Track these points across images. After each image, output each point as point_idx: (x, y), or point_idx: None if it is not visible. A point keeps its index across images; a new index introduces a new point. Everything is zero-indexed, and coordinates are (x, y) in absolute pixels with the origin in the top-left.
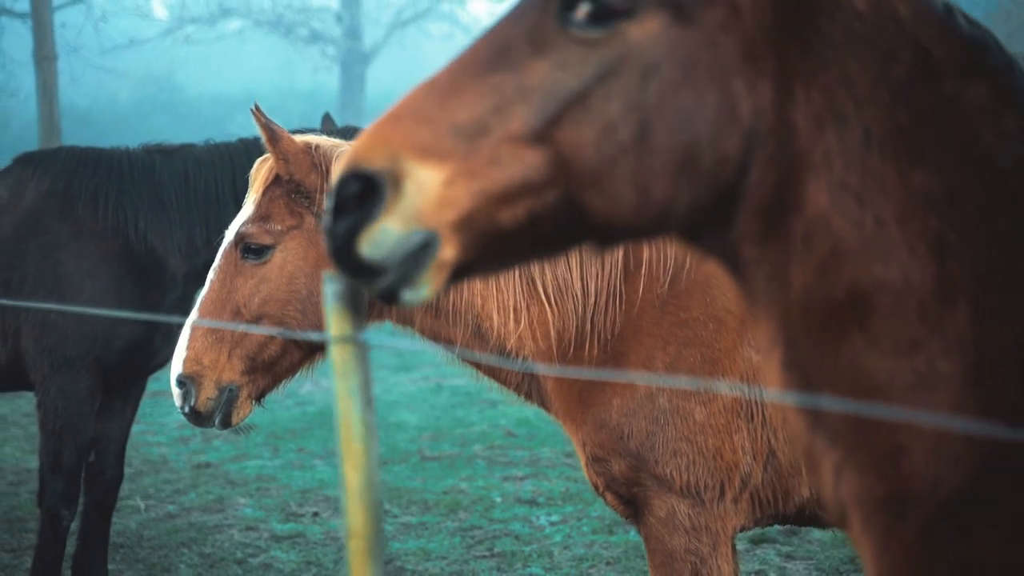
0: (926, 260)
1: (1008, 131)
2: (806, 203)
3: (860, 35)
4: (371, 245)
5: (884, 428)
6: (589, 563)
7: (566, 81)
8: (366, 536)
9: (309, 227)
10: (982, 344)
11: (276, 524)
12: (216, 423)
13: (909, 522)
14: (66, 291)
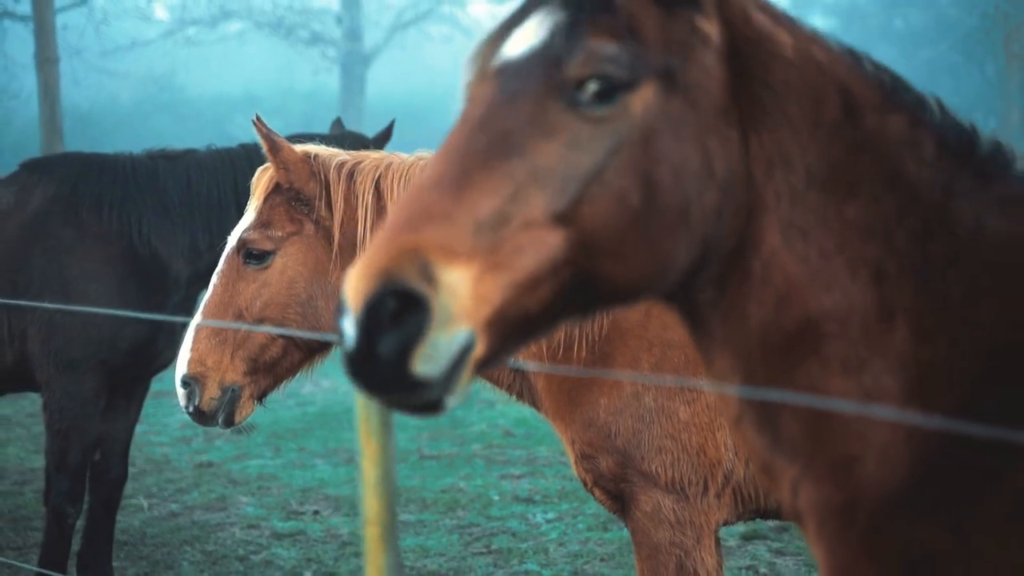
0: (867, 286)
1: (927, 160)
2: (762, 243)
3: (794, 81)
4: (425, 361)
5: (839, 441)
6: (584, 559)
7: (581, 160)
8: (381, 524)
9: (308, 233)
10: (920, 359)
11: (277, 522)
12: (219, 422)
13: (859, 523)
14: (71, 293)
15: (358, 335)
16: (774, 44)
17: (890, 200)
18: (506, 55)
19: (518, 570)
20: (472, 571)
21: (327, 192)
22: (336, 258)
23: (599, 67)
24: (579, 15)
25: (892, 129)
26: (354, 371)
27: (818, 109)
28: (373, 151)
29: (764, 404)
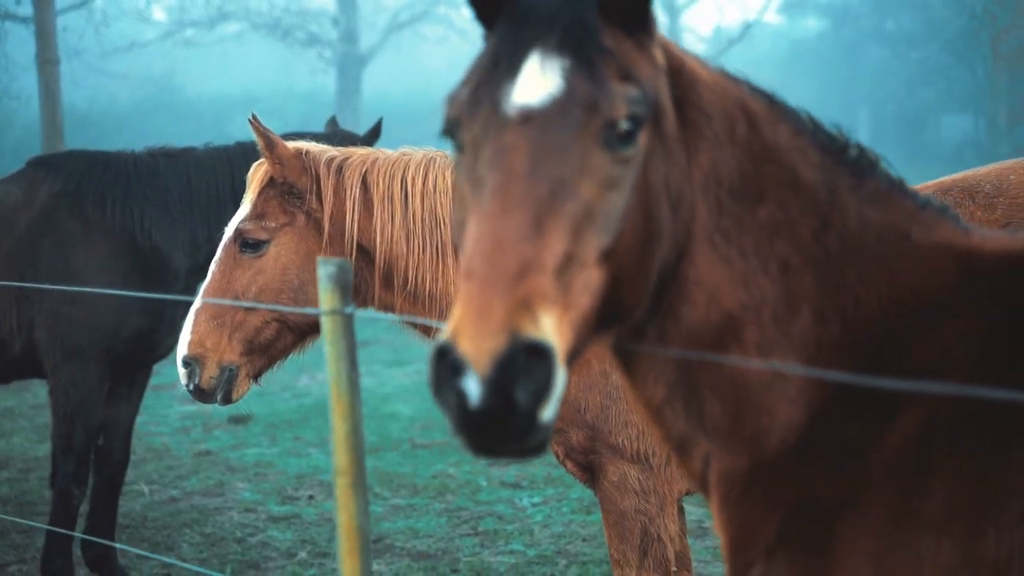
0: (777, 279)
1: (815, 163)
2: (695, 251)
3: (715, 103)
4: (550, 406)
5: (753, 417)
6: (567, 540)
7: (618, 199)
8: (351, 473)
9: (300, 224)
10: (819, 339)
11: (273, 506)
12: (218, 399)
13: (761, 481)
14: (77, 284)
15: (490, 392)
16: (693, 71)
17: (793, 201)
18: (525, 102)
19: (504, 550)
20: (459, 551)
21: (317, 185)
22: (326, 247)
23: (631, 108)
24: (584, 58)
25: (783, 139)
26: (484, 427)
27: (732, 127)
28: (361, 147)
29: (693, 390)
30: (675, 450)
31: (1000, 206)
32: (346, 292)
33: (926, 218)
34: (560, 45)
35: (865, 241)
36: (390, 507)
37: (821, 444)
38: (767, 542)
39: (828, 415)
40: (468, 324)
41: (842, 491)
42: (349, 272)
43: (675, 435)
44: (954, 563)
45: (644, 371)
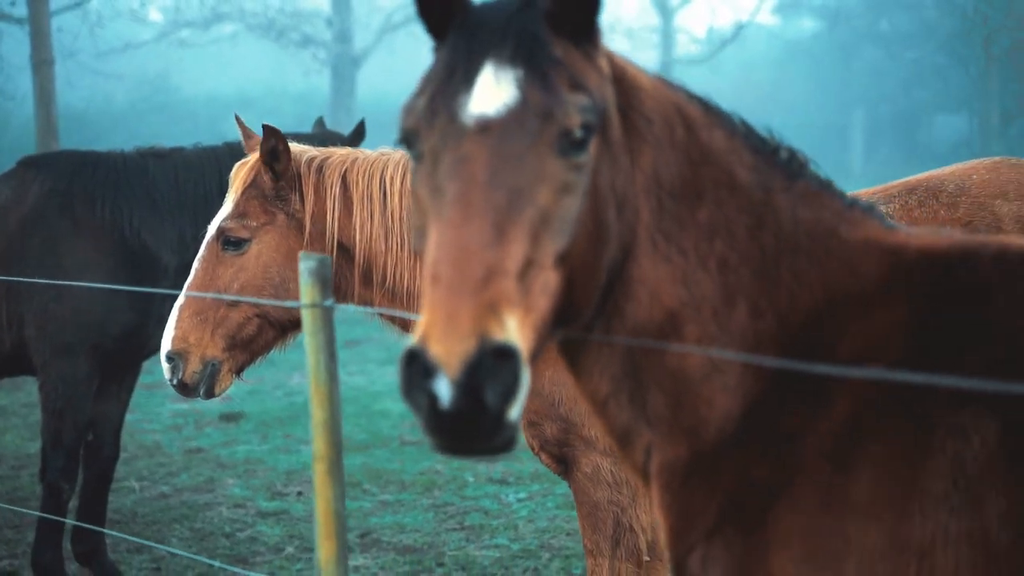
0: (715, 276)
1: (750, 165)
2: (638, 251)
3: (655, 108)
4: (518, 406)
5: (693, 408)
6: (551, 534)
7: (571, 203)
8: (328, 459)
9: (281, 223)
10: (755, 332)
11: (262, 502)
12: (201, 393)
13: (701, 469)
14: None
15: (460, 394)
16: (634, 78)
17: (729, 202)
18: (482, 112)
19: (488, 544)
20: (445, 545)
21: (299, 184)
22: (307, 245)
23: (583, 117)
24: (537, 69)
25: (719, 142)
26: (454, 427)
27: (671, 131)
28: (341, 148)
29: (638, 383)
30: (618, 441)
31: (963, 205)
32: (326, 286)
33: (854, 216)
34: (513, 56)
35: (798, 239)
36: (378, 503)
37: (757, 432)
38: (707, 527)
39: (764, 405)
40: (437, 328)
41: (777, 476)
42: (329, 267)
43: (619, 427)
44: (881, 545)
45: (590, 366)
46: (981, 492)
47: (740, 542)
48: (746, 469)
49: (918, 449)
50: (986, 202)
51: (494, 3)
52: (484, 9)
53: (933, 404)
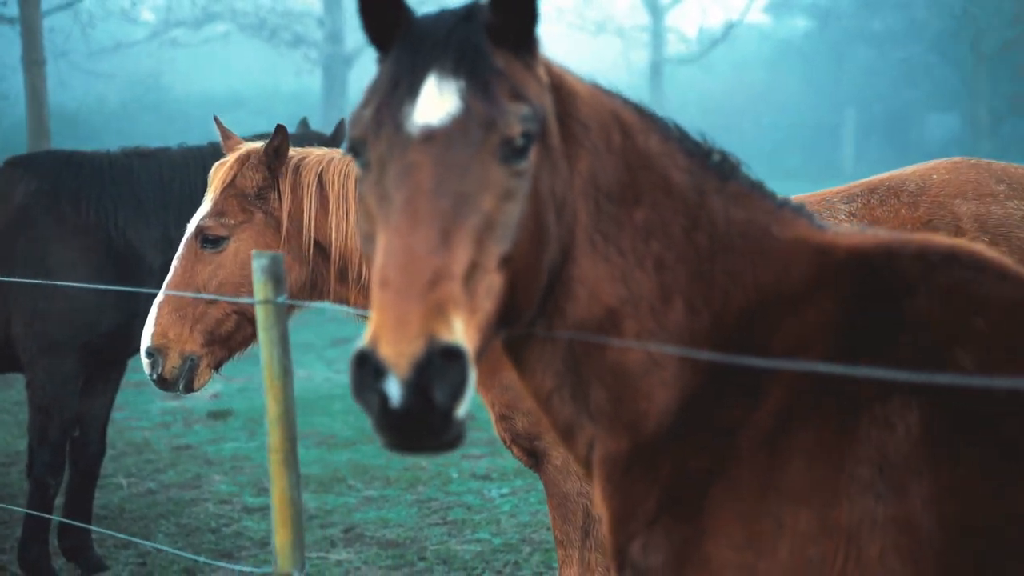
0: (652, 275)
1: (684, 167)
2: (578, 252)
3: (592, 115)
4: (465, 404)
5: (633, 403)
6: (532, 528)
7: (514, 209)
8: (283, 451)
9: (259, 222)
10: (691, 329)
11: (248, 498)
12: (180, 388)
13: (641, 460)
14: (52, 280)
15: (410, 394)
16: (571, 85)
17: (665, 203)
18: (426, 122)
19: (471, 539)
20: (427, 540)
21: (277, 183)
22: (284, 243)
23: (524, 126)
24: (479, 79)
25: (654, 146)
26: (404, 425)
27: (608, 136)
28: (318, 148)
29: (580, 378)
30: (562, 435)
31: (923, 204)
32: (279, 283)
33: (784, 216)
34: (455, 67)
35: (731, 239)
36: (363, 498)
37: (695, 424)
38: (647, 516)
39: (701, 399)
40: (387, 330)
41: (714, 466)
42: (281, 265)
43: (562, 421)
44: (812, 530)
45: (533, 363)
46: (905, 478)
47: (679, 529)
48: (684, 460)
49: (846, 438)
50: (946, 201)
51: (436, 16)
52: (426, 21)
53: (859, 396)
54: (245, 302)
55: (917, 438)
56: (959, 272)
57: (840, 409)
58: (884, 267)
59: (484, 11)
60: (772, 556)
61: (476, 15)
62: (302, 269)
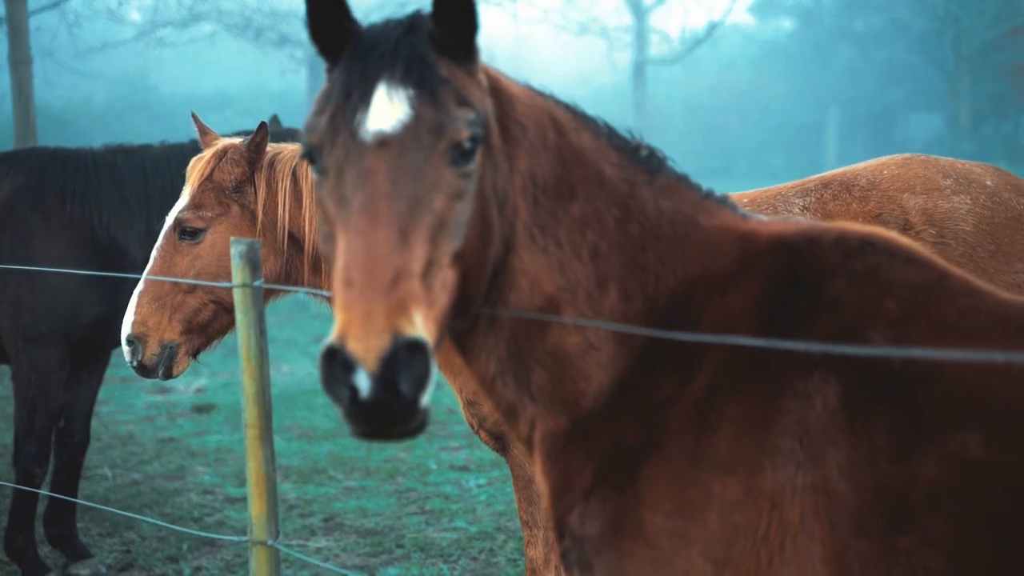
0: (588, 264)
1: (614, 162)
2: (518, 244)
3: (528, 115)
4: (428, 393)
5: (572, 383)
6: (507, 517)
7: (463, 208)
8: (258, 426)
9: (235, 215)
10: (625, 314)
11: (231, 488)
12: (159, 375)
13: (578, 435)
14: (38, 274)
15: (378, 385)
16: (508, 88)
17: (599, 196)
18: (380, 128)
19: (447, 527)
20: (405, 528)
21: (252, 178)
22: (259, 235)
23: (471, 130)
24: (427, 88)
25: (586, 142)
26: (375, 416)
27: (544, 135)
28: (291, 143)
29: (521, 362)
30: (505, 416)
31: (873, 198)
32: (255, 268)
33: (709, 206)
34: (404, 76)
35: (661, 227)
36: (343, 489)
37: (629, 402)
38: (584, 488)
39: (635, 377)
40: (354, 327)
41: (647, 440)
42: (258, 251)
43: (505, 403)
44: (738, 497)
45: (478, 350)
46: (823, 447)
47: (614, 499)
48: (620, 434)
49: (769, 412)
50: (895, 195)
51: (381, 26)
52: (372, 33)
53: (781, 372)
54: (224, 286)
55: (834, 410)
56: (873, 258)
57: (764, 385)
58: (805, 253)
59: (427, 22)
60: (702, 522)
61: (420, 26)
62: (277, 260)
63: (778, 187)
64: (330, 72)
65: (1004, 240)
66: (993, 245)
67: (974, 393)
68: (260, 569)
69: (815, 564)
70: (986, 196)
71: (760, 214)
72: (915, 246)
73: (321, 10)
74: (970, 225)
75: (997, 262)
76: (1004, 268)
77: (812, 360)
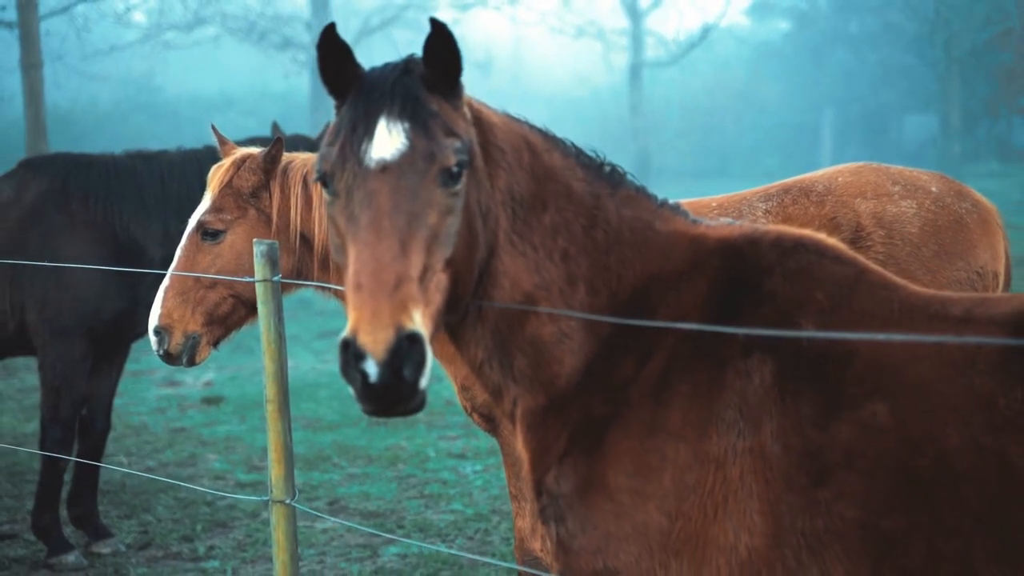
0: (559, 265)
1: (581, 178)
2: (500, 249)
3: (506, 140)
4: (426, 377)
5: (548, 367)
6: (502, 501)
7: (452, 222)
8: (277, 401)
9: (252, 218)
10: (592, 308)
11: (241, 474)
12: (184, 362)
13: (553, 409)
14: (63, 272)
15: (385, 372)
16: (489, 117)
17: (568, 207)
18: (382, 156)
19: (445, 510)
20: (406, 511)
21: (268, 184)
22: (274, 236)
23: (457, 157)
24: (420, 121)
25: (557, 162)
26: (383, 396)
27: (520, 156)
28: (303, 152)
29: (505, 350)
30: (492, 396)
31: (829, 203)
32: (275, 265)
33: (664, 214)
34: (400, 112)
35: (622, 233)
36: (346, 475)
37: (597, 381)
38: (559, 454)
39: (602, 361)
40: (364, 323)
41: (612, 412)
42: (277, 250)
43: (492, 384)
44: (688, 459)
45: (468, 340)
46: (760, 417)
47: (584, 462)
48: (588, 408)
49: (715, 388)
50: (848, 200)
51: (379, 70)
52: (373, 75)
53: (725, 354)
54: (246, 281)
55: (769, 386)
56: (805, 256)
57: (711, 365)
58: (747, 253)
59: (419, 65)
60: (657, 481)
61: (413, 69)
62: (289, 258)
63: (743, 192)
64: (338, 109)
65: (947, 240)
66: (936, 245)
67: (883, 369)
68: (279, 523)
69: (752, 515)
70: (931, 201)
71: (726, 217)
72: (841, 246)
73: (331, 58)
74: (916, 227)
75: (940, 260)
76: (946, 266)
77: (751, 344)
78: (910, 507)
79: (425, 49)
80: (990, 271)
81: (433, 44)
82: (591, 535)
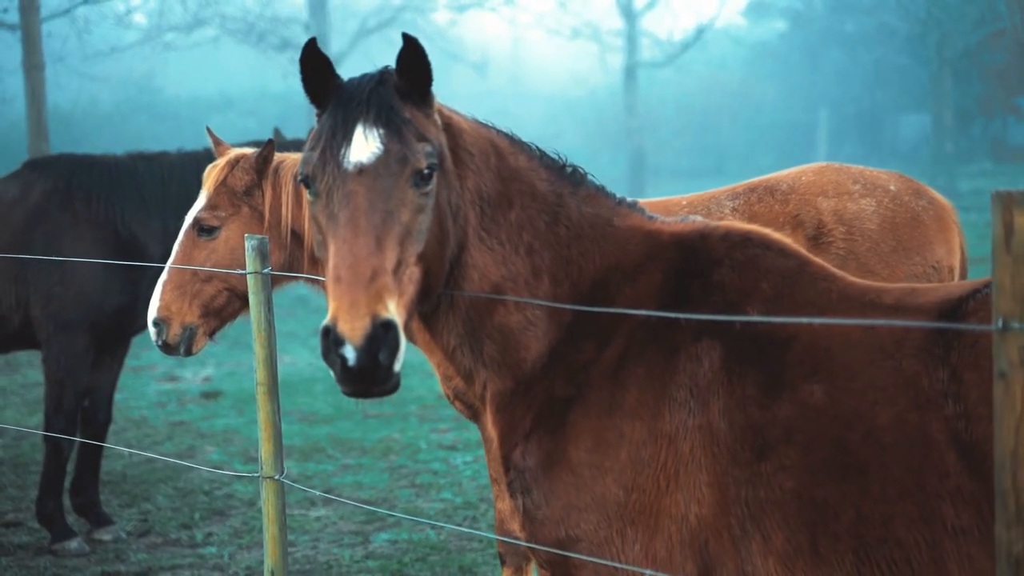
0: (524, 258)
1: (545, 178)
2: (469, 244)
3: (475, 144)
4: (399, 361)
5: (515, 352)
6: (490, 490)
7: (424, 219)
8: (267, 384)
9: (246, 215)
10: (555, 298)
11: (238, 465)
12: (181, 352)
13: (520, 391)
14: (67, 268)
15: (362, 356)
16: (458, 123)
17: (532, 205)
18: (359, 159)
19: (435, 498)
20: (397, 499)
21: (261, 183)
22: (266, 231)
23: (428, 160)
24: (394, 128)
25: (522, 163)
26: (360, 378)
27: (487, 159)
28: (294, 153)
29: (475, 337)
30: (464, 379)
31: (792, 201)
32: (265, 258)
33: (622, 211)
34: (376, 120)
35: (583, 228)
36: (340, 466)
37: (561, 364)
38: (525, 432)
39: (565, 346)
40: (343, 312)
41: (574, 393)
42: (267, 245)
43: (464, 369)
44: (643, 436)
45: (441, 328)
46: (708, 397)
47: (548, 439)
48: (552, 390)
49: (668, 370)
50: (811, 199)
51: (356, 81)
52: (351, 85)
53: (677, 339)
54: (238, 273)
55: (717, 369)
56: (752, 250)
57: (664, 350)
58: (698, 247)
59: (393, 75)
60: (615, 456)
61: (387, 79)
62: (281, 253)
63: (712, 191)
64: (319, 116)
65: (904, 237)
66: (894, 241)
67: (820, 353)
68: (269, 498)
69: (701, 487)
70: (889, 199)
71: (694, 215)
72: (786, 240)
73: (313, 70)
74: (874, 224)
75: (898, 256)
76: (904, 261)
77: (701, 330)
78: (842, 478)
79: (398, 61)
80: (945, 266)
81: (405, 57)
82: (554, 506)
